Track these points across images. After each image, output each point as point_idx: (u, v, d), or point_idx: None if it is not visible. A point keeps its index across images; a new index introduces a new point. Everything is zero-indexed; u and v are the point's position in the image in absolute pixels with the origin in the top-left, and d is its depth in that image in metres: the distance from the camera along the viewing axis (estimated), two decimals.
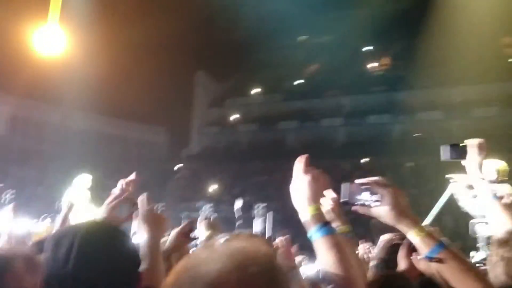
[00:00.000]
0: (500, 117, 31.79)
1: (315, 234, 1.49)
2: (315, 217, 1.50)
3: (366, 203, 1.59)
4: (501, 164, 4.62)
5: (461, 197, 4.50)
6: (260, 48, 38.57)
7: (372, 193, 1.58)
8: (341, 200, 1.63)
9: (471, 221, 4.63)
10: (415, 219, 1.55)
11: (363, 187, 1.60)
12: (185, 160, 39.74)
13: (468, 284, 1.44)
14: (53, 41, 9.48)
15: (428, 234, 1.52)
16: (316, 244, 1.49)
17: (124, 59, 32.63)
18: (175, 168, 38.66)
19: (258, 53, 38.85)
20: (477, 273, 1.49)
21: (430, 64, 32.99)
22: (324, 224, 1.48)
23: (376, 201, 1.57)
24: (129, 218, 2.24)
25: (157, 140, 43.83)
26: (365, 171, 31.51)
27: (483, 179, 2.23)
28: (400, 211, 1.53)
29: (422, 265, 1.77)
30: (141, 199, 2.13)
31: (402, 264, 1.92)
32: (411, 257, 1.93)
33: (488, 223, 4.09)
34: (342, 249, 1.44)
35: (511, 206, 2.32)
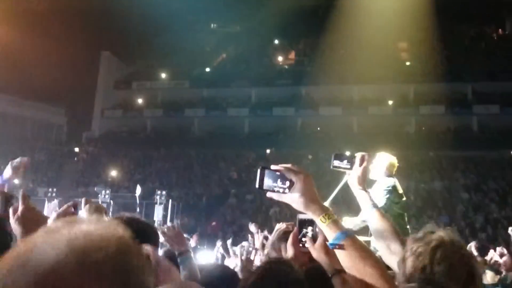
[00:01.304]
0: (394, 115, 34.16)
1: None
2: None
3: (277, 189, 1.62)
4: (392, 159, 5.01)
5: (354, 188, 4.83)
6: (170, 33, 37.74)
7: (285, 180, 1.61)
8: (256, 186, 1.64)
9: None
10: (323, 206, 1.61)
11: (277, 173, 1.63)
12: (85, 143, 37.96)
13: (366, 271, 1.50)
14: None
15: (334, 221, 1.58)
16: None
17: (22, 32, 30.28)
18: (74, 150, 36.82)
19: (168, 37, 37.96)
20: (376, 261, 1.56)
21: (333, 61, 34.51)
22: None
23: (288, 187, 1.61)
24: (6, 214, 2.09)
25: (56, 121, 41.38)
26: (269, 162, 32.34)
27: (362, 189, 2.29)
28: (309, 197, 1.58)
29: (311, 253, 1.84)
30: (21, 196, 2.01)
31: (290, 251, 1.99)
32: (301, 245, 1.98)
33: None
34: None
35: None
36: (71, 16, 34.68)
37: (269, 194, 1.63)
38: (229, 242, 8.59)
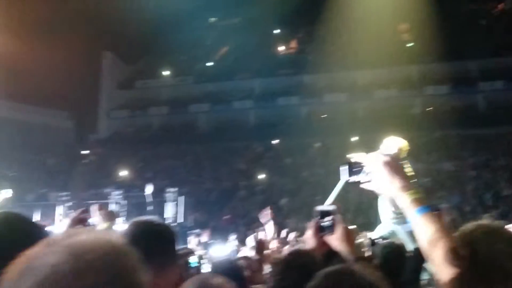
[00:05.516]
0: (399, 98, 34.01)
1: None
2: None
3: (362, 179, 1.75)
4: (403, 143, 4.99)
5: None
6: (170, 30, 37.72)
7: (365, 169, 1.75)
8: (346, 180, 1.79)
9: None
10: (409, 184, 1.65)
11: (360, 165, 1.76)
12: (93, 145, 38.17)
13: (437, 245, 1.54)
14: None
15: (418, 198, 1.62)
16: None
17: (23, 38, 30.40)
18: (82, 153, 37.01)
19: (168, 35, 37.96)
20: (449, 236, 1.57)
21: (334, 48, 34.37)
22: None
23: (370, 175, 1.72)
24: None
25: (61, 125, 41.53)
26: (276, 152, 32.38)
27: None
28: (393, 179, 1.64)
29: (331, 243, 1.89)
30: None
31: (310, 242, 2.04)
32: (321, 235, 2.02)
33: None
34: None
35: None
36: (70, 19, 34.76)
37: (362, 185, 1.76)
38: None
